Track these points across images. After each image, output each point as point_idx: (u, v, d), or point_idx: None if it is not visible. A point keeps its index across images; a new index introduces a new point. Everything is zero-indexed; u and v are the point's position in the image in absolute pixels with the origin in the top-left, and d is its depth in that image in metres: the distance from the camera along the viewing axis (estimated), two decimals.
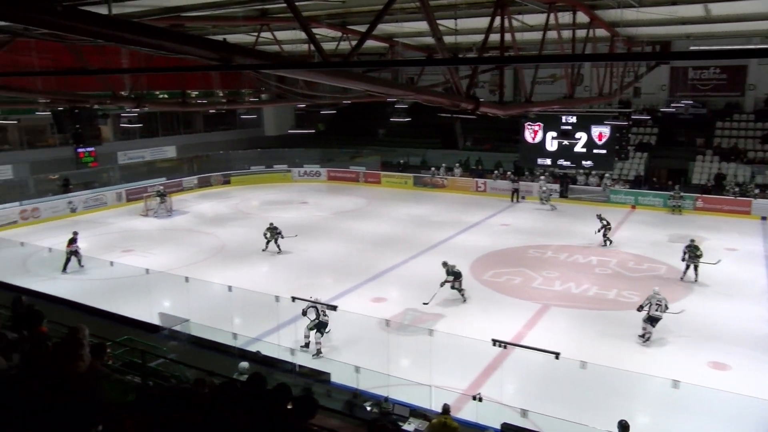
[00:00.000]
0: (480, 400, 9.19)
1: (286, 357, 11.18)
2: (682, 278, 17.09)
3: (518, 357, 11.06)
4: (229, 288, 13.06)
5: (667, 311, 13.18)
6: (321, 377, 10.66)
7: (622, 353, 12.53)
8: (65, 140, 26.80)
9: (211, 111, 32.71)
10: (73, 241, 18.64)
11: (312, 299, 12.46)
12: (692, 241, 17.20)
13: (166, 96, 30.42)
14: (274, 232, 20.33)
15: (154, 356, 9.97)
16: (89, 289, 15.76)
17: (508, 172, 30.67)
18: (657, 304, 13.10)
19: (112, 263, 15.23)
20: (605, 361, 10.81)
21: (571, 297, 16.09)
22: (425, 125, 30.39)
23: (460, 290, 15.72)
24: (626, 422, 8.23)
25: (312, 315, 12.29)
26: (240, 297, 13.44)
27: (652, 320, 13.17)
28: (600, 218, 20.92)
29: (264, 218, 25.62)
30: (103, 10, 5.70)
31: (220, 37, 12.78)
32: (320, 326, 12.37)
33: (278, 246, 20.33)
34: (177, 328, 12.47)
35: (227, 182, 34.14)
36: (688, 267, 17.01)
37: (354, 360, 10.62)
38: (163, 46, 4.86)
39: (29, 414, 3.52)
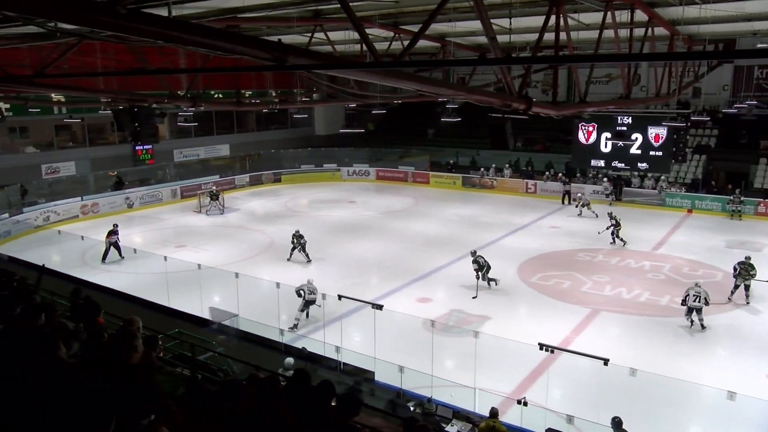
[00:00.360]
0: (525, 404, 9.04)
1: (331, 354, 11.25)
2: (729, 298, 15.40)
3: (565, 362, 10.83)
4: (277, 285, 13.24)
5: (707, 303, 13.52)
6: (365, 375, 10.69)
7: (674, 361, 12.12)
8: (124, 138, 27.83)
9: (263, 110, 33.26)
10: (112, 232, 19.52)
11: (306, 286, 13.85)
12: (747, 258, 15.45)
13: (220, 96, 31.14)
14: (299, 240, 19.21)
15: (203, 350, 10.20)
16: (143, 283, 16.26)
17: (559, 174, 30.09)
18: (695, 296, 13.50)
19: (165, 258, 15.66)
20: (656, 369, 10.48)
21: (622, 302, 15.66)
22: (475, 125, 30.15)
23: (488, 279, 16.24)
24: (620, 419, 8.35)
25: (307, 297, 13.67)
26: (287, 294, 13.61)
27: (691, 312, 13.61)
28: (610, 217, 20.84)
29: (313, 217, 25.97)
30: (163, 12, 5.87)
31: (274, 38, 12.98)
32: (308, 304, 13.71)
33: (306, 254, 19.19)
34: (226, 322, 12.72)
35: (278, 180, 34.70)
36: (737, 287, 15.30)
37: (398, 359, 10.59)
38: (219, 46, 4.96)
39: (86, 401, 3.64)
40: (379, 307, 11.60)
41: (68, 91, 15.13)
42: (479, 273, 16.09)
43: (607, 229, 20.74)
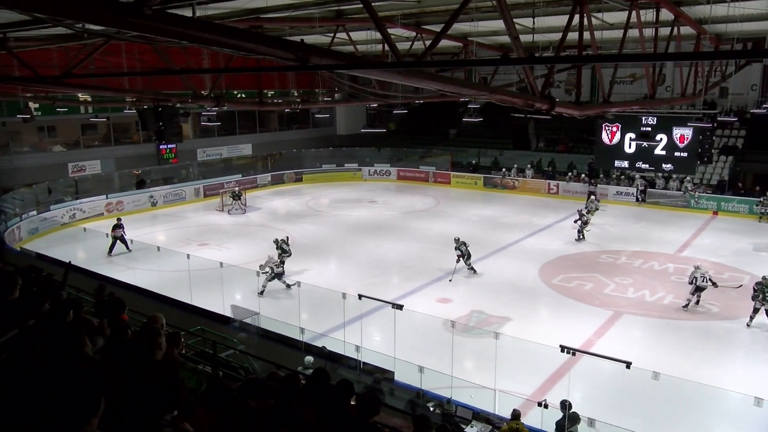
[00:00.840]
0: (546, 406, 8.97)
1: (351, 353, 11.27)
2: (748, 324, 13.84)
3: (587, 365, 10.72)
4: (298, 283, 13.32)
5: (711, 284, 14.51)
6: (384, 375, 10.70)
7: (699, 366, 11.93)
8: (149, 137, 28.17)
9: (285, 110, 33.44)
10: (117, 226, 20.03)
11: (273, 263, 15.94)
12: (765, 278, 13.76)
13: (243, 95, 31.41)
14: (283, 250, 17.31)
15: (225, 347, 10.29)
16: (166, 280, 16.44)
17: (582, 175, 29.80)
18: (702, 276, 14.57)
19: (188, 256, 15.79)
20: (680, 373, 10.32)
21: (645, 305, 15.45)
22: (497, 125, 29.79)
23: (470, 266, 17.38)
24: (569, 402, 8.63)
25: (267, 269, 15.57)
26: (308, 292, 13.68)
27: (699, 290, 14.56)
28: (579, 213, 21.59)
29: (334, 216, 26.07)
30: (187, 12, 5.94)
31: (297, 38, 13.07)
32: (277, 276, 15.88)
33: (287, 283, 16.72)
34: (247, 320, 12.80)
35: (299, 180, 34.89)
36: (756, 310, 13.73)
37: (418, 360, 10.58)
38: (243, 46, 5.01)
39: (111, 395, 3.70)
40: (400, 306, 11.59)
41: (95, 90, 15.41)
42: (460, 259, 17.24)
43: (575, 222, 21.36)
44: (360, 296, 12.09)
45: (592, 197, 26.00)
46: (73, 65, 10.81)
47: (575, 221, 21.56)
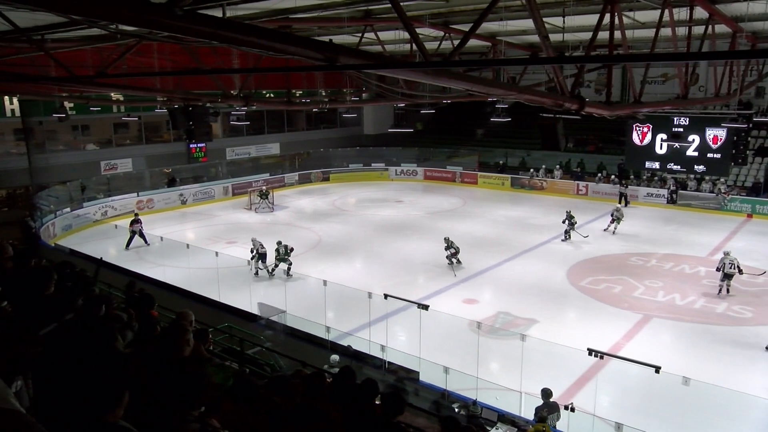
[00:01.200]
0: (572, 410, 8.87)
1: (376, 353, 11.29)
2: None
3: (615, 369, 10.56)
4: (324, 282, 13.36)
5: (738, 271, 15.04)
6: (409, 375, 10.69)
7: (730, 371, 11.66)
8: (179, 136, 28.59)
9: (313, 110, 33.61)
10: (135, 221, 20.79)
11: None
12: None
13: (272, 95, 31.63)
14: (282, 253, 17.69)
15: (252, 344, 10.40)
16: (195, 277, 16.67)
17: (612, 176, 29.35)
18: (730, 264, 15.04)
19: (217, 254, 16.01)
20: (710, 378, 10.10)
21: (676, 309, 15.16)
22: (526, 125, 29.74)
23: (452, 261, 18.02)
24: (549, 390, 8.90)
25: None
26: (334, 291, 13.73)
27: (727, 277, 15.11)
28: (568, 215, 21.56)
29: (361, 216, 26.13)
30: (217, 13, 6.01)
31: (325, 38, 13.13)
32: (261, 258, 17.14)
33: (270, 269, 17.66)
34: (274, 318, 12.92)
35: (326, 179, 35.08)
36: None
37: (443, 360, 10.56)
38: (272, 47, 5.04)
39: (138, 389, 3.77)
40: (425, 307, 11.57)
41: (127, 90, 15.66)
42: (452, 259, 17.96)
43: (563, 222, 21.50)
44: (386, 296, 12.10)
45: (618, 206, 25.59)
46: (107, 65, 11.02)
47: (563, 221, 21.54)
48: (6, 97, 24.16)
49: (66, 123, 23.60)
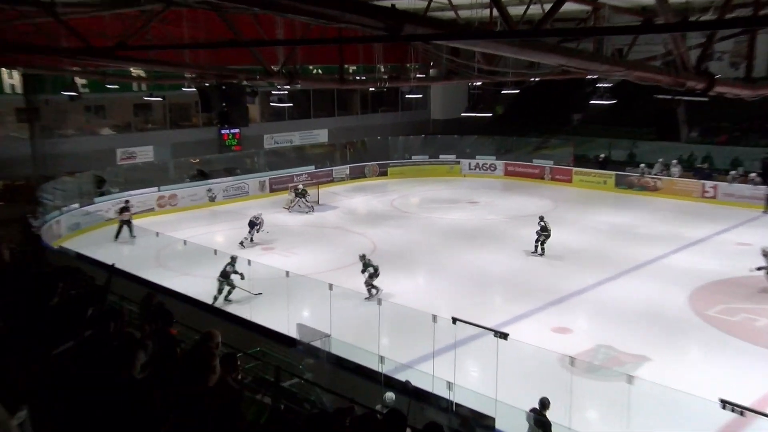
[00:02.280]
0: None
1: (441, 391, 11.24)
2: None
3: (761, 428, 10.13)
4: (379, 301, 13.43)
5: None
6: (483, 421, 10.60)
7: None
8: (210, 120, 29.30)
9: (370, 90, 33.81)
10: (125, 209, 21.40)
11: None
12: None
13: (320, 72, 32.10)
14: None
15: (289, 374, 10.52)
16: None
17: (752, 174, 28.24)
18: None
19: (249, 262, 16.34)
20: None
21: None
22: (635, 109, 29.04)
23: (371, 288, 17.13)
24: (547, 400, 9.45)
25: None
26: (391, 312, 13.77)
27: None
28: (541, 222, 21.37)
29: (425, 219, 26.13)
30: None
31: (387, 3, 13.20)
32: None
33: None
34: (316, 343, 13.04)
35: (384, 174, 35.37)
36: None
37: (526, 404, 10.40)
38: (324, 13, 5.10)
39: (157, 423, 3.86)
40: (504, 335, 11.43)
41: (151, 65, 16.17)
42: (369, 282, 17.21)
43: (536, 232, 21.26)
44: (454, 320, 12.02)
45: None
46: (128, 35, 11.36)
47: (537, 231, 21.35)
48: (4, 71, 24.70)
49: (77, 103, 24.41)
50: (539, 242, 21.25)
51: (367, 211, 28.03)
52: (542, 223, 21.33)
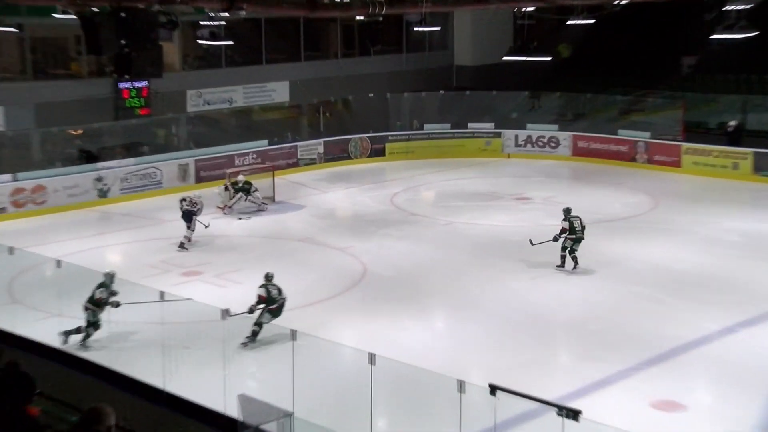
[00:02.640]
0: None
1: None
2: None
3: None
4: (371, 357, 13.21)
5: None
6: None
7: None
8: (100, 68, 29.03)
9: (357, 19, 33.73)
10: None
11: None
12: None
13: None
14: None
15: None
16: (117, 341, 16.83)
17: None
18: None
19: (162, 295, 16.02)
20: None
21: None
22: None
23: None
24: None
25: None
26: (391, 376, 13.57)
27: None
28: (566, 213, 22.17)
29: (446, 226, 25.98)
30: None
31: None
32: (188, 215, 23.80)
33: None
34: (269, 426, 12.87)
35: (380, 153, 35.33)
36: None
37: None
38: None
39: None
40: (574, 414, 11.31)
41: None
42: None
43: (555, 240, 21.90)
44: (493, 388, 11.88)
45: None
46: None
47: (554, 238, 22.04)
48: None
49: None
50: (566, 250, 21.53)
51: (353, 213, 27.99)
52: (568, 220, 21.61)
